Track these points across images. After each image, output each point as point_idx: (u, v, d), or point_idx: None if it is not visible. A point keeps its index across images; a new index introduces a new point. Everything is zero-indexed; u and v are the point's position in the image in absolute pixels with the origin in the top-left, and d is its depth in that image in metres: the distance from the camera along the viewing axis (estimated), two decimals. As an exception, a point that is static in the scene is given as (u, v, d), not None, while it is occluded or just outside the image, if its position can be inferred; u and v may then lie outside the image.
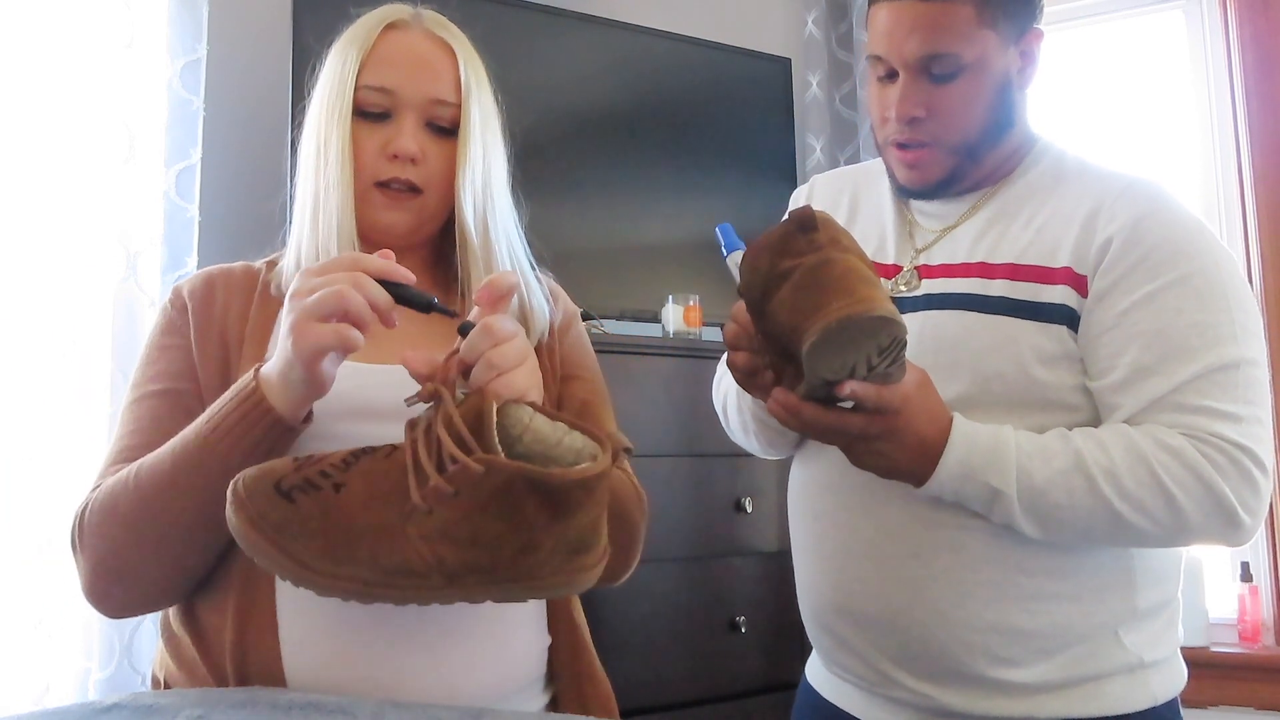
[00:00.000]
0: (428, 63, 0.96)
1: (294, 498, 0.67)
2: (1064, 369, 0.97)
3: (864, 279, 0.80)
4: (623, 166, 2.27)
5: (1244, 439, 0.91)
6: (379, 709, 0.73)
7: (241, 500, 0.68)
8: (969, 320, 1.00)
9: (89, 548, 0.84)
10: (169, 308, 0.98)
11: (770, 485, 1.96)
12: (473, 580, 0.67)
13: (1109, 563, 0.97)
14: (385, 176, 0.95)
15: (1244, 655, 2.16)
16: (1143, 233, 0.96)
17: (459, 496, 0.66)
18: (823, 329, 0.78)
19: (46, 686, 1.62)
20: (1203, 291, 0.94)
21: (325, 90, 0.97)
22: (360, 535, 0.66)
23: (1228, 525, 0.91)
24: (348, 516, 0.66)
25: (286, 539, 0.66)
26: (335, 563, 0.66)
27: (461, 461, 0.65)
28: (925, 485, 0.92)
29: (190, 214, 1.84)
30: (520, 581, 0.68)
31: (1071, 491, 0.90)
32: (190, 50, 1.86)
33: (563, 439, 0.73)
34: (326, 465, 0.69)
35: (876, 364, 0.82)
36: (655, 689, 1.80)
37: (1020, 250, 1.01)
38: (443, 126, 0.97)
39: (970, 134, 1.02)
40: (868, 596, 1.00)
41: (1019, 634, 0.95)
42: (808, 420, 0.86)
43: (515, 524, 0.66)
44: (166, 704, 0.72)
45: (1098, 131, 2.48)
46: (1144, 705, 0.98)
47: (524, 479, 0.65)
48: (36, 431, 1.66)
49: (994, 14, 0.98)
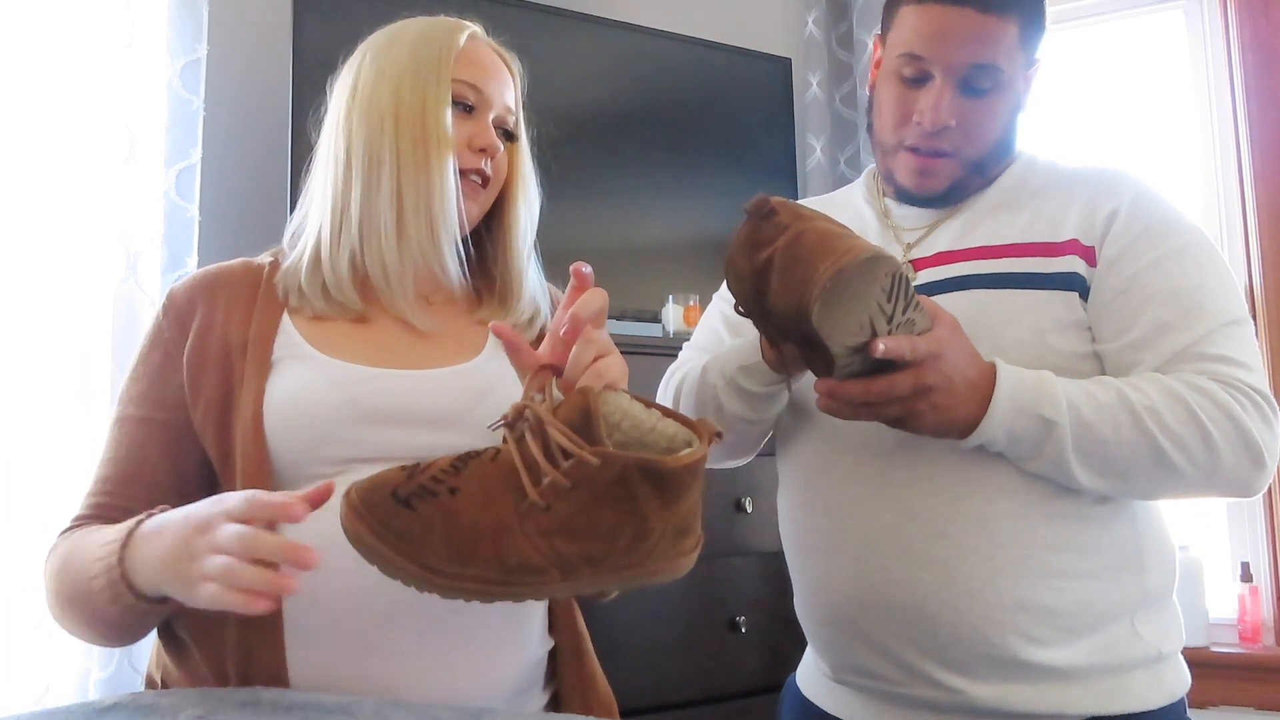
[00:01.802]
0: (502, 71, 1.03)
1: (413, 504, 0.67)
2: (1074, 336, 0.99)
3: (839, 235, 0.82)
4: (623, 166, 2.27)
5: (1260, 385, 0.95)
6: (379, 709, 0.73)
7: (360, 511, 0.67)
8: (980, 297, 1.01)
9: (44, 588, 0.89)
10: (161, 317, 0.97)
11: (770, 485, 1.95)
12: (587, 571, 0.69)
13: (1121, 543, 0.99)
14: (472, 166, 0.99)
15: (1244, 655, 2.16)
16: (1141, 207, 1.01)
17: (576, 490, 0.67)
18: (821, 293, 0.79)
19: (46, 686, 1.61)
20: (1199, 259, 0.99)
21: (405, 78, 0.97)
22: (482, 536, 0.67)
23: (1254, 466, 0.93)
24: (468, 519, 0.67)
25: (412, 545, 0.66)
26: (460, 564, 0.67)
27: (577, 455, 0.66)
28: (979, 429, 0.92)
29: (190, 214, 1.84)
30: (631, 569, 0.70)
31: (1118, 426, 0.91)
32: (190, 50, 1.86)
33: (656, 425, 0.75)
34: (436, 471, 0.70)
35: (891, 312, 0.83)
36: (655, 689, 1.80)
37: (1020, 231, 1.04)
38: (507, 131, 1.03)
39: (985, 150, 1.06)
40: (893, 584, 0.98)
41: (1045, 612, 0.95)
42: (858, 396, 0.87)
43: (629, 512, 0.68)
44: (167, 704, 0.72)
45: (1097, 131, 2.49)
46: (1164, 702, 0.99)
47: (638, 468, 0.67)
48: (36, 432, 1.66)
49: (1029, 37, 1.02)
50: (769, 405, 1.06)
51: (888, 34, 1.07)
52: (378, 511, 0.67)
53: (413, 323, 0.97)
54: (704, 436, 0.71)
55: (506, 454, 0.70)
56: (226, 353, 0.92)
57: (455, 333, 1.00)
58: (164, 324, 0.96)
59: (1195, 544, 2.19)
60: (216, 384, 0.91)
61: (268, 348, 0.92)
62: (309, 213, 1.00)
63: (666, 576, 0.73)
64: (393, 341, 0.97)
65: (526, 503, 0.67)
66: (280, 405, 0.89)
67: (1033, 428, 0.92)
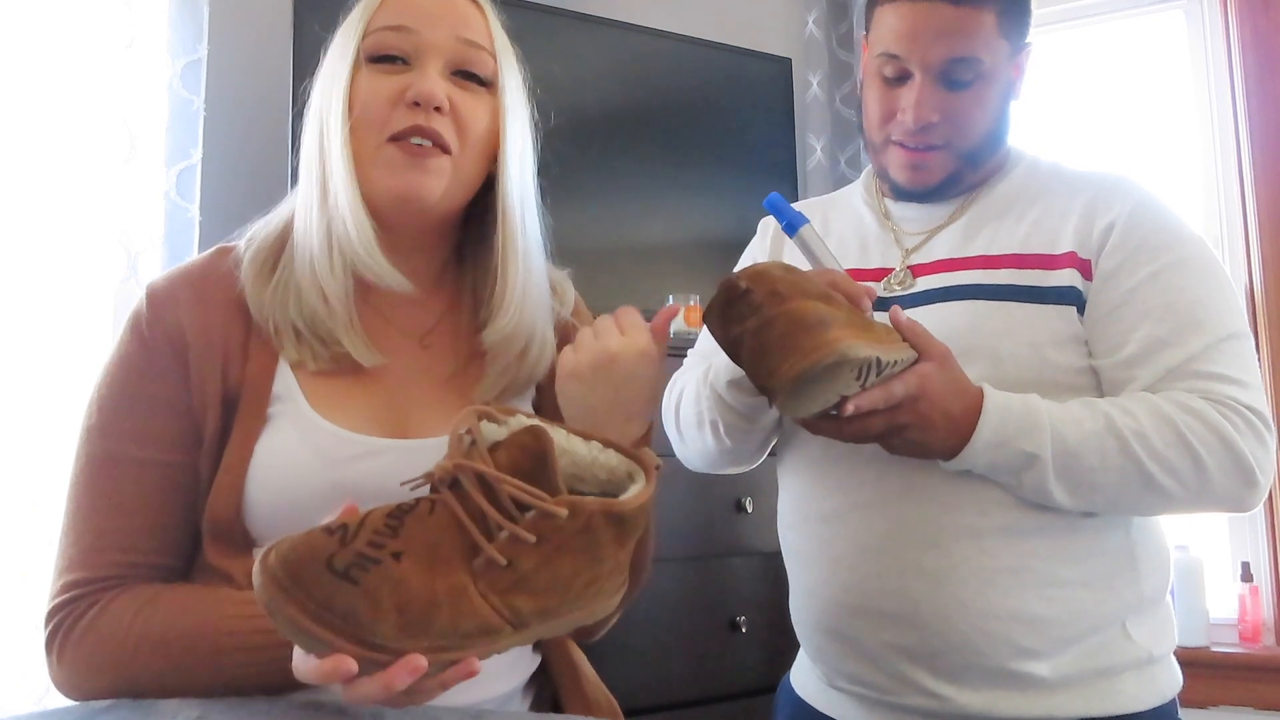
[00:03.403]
0: (453, 5, 0.83)
1: (354, 576, 0.58)
2: (1071, 350, 0.99)
3: (810, 327, 0.79)
4: (623, 166, 2.27)
5: (1255, 403, 0.94)
6: (378, 709, 0.73)
7: (286, 587, 0.57)
8: (978, 308, 1.00)
9: (69, 671, 0.75)
10: (146, 334, 0.81)
11: (770, 485, 1.95)
12: (538, 623, 0.64)
13: (1113, 549, 0.98)
14: (403, 126, 0.79)
15: (1244, 655, 2.15)
16: (1139, 219, 1.00)
17: (541, 544, 0.62)
18: (784, 392, 0.79)
19: (47, 687, 1.61)
20: (1198, 272, 0.98)
21: (333, 50, 0.83)
22: (436, 604, 0.59)
23: (1246, 485, 0.93)
24: (419, 587, 0.59)
25: (357, 626, 0.57)
26: (410, 637, 0.59)
27: (540, 508, 0.61)
28: (957, 458, 0.92)
29: (190, 214, 1.84)
30: (578, 613, 0.66)
31: (1104, 453, 0.91)
32: (191, 50, 1.86)
33: (597, 457, 0.71)
34: (370, 534, 0.60)
35: (865, 383, 0.83)
36: (655, 689, 1.80)
37: (1020, 241, 1.03)
38: (475, 74, 0.83)
39: (977, 140, 1.05)
40: (885, 593, 0.98)
41: (1037, 622, 0.95)
42: (831, 434, 0.88)
43: (590, 559, 0.64)
44: (166, 705, 0.72)
45: (1098, 131, 2.48)
46: (1155, 703, 0.99)
47: (604, 514, 0.63)
48: (36, 432, 1.66)
49: (1009, 24, 1.01)
50: (762, 413, 1.06)
51: (869, 34, 1.07)
52: (313, 589, 0.57)
53: (360, 362, 0.82)
54: (648, 470, 0.68)
55: (444, 506, 0.62)
56: (223, 395, 0.81)
57: (459, 370, 0.89)
58: (153, 345, 0.82)
59: (1195, 544, 2.18)
60: (214, 429, 0.81)
61: (264, 395, 0.81)
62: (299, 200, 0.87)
63: (603, 615, 0.68)
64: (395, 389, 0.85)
65: (481, 560, 0.61)
66: (264, 477, 0.79)
67: (1014, 460, 0.92)
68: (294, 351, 0.82)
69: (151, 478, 0.79)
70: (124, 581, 0.78)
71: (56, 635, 0.76)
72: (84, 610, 0.76)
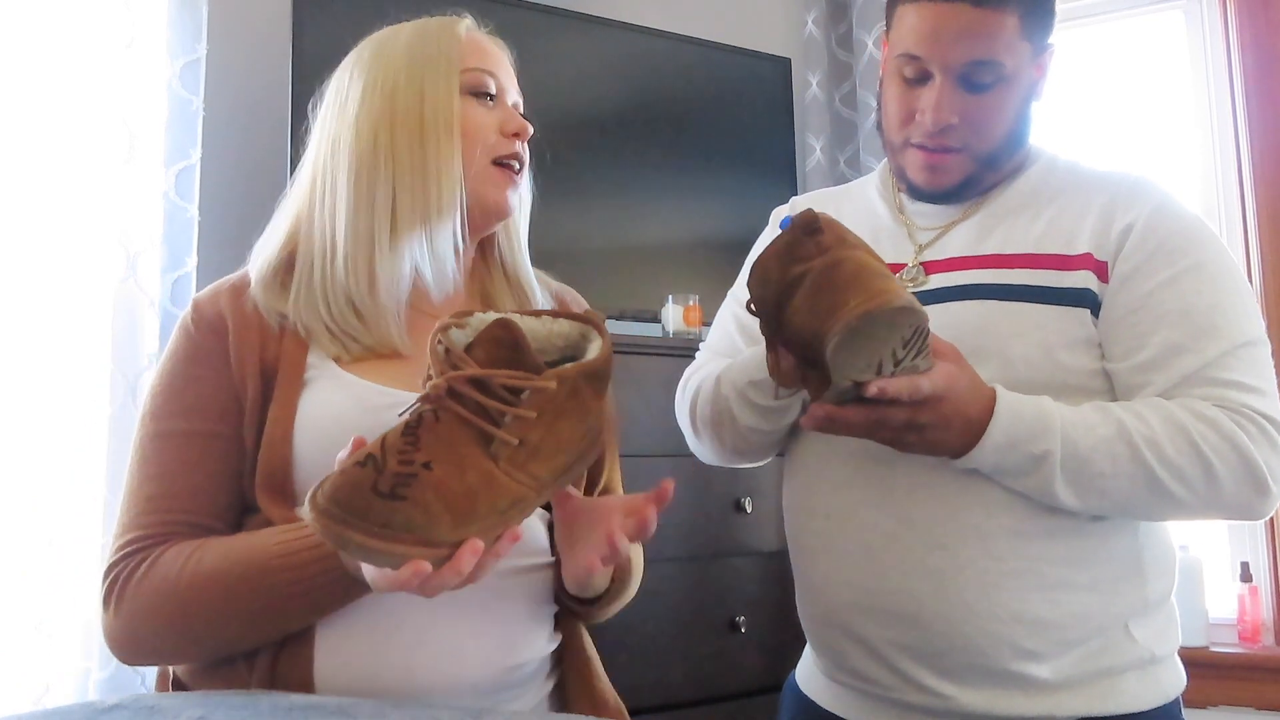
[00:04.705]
0: (506, 58, 1.02)
1: (401, 494, 0.66)
2: (1083, 353, 0.98)
3: (877, 273, 0.81)
4: (623, 166, 2.27)
5: (1271, 410, 0.93)
6: (378, 709, 0.73)
7: (344, 518, 0.65)
8: (991, 308, 1.00)
9: (125, 620, 0.84)
10: (192, 330, 0.93)
11: (770, 485, 1.96)
12: (556, 480, 0.75)
13: (1121, 553, 0.98)
14: (507, 152, 0.97)
15: (1244, 655, 2.16)
16: (1158, 222, 0.99)
17: (541, 417, 0.71)
18: (844, 328, 0.78)
19: (46, 687, 1.61)
20: (1216, 277, 0.97)
21: (400, 79, 0.94)
22: (474, 493, 0.69)
23: (1258, 493, 0.92)
24: (456, 484, 0.68)
25: (420, 532, 0.66)
26: (463, 526, 0.68)
27: (532, 386, 0.71)
28: (966, 458, 0.92)
29: (190, 214, 1.84)
30: (583, 461, 0.78)
31: (1115, 459, 0.91)
32: (190, 50, 1.85)
33: (551, 329, 0.80)
34: (396, 455, 0.68)
35: (902, 357, 0.83)
36: (655, 689, 1.80)
37: (1035, 241, 1.02)
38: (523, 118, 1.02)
39: (995, 143, 1.04)
40: (890, 592, 0.98)
41: (1041, 625, 0.95)
42: (852, 424, 0.87)
43: (581, 414, 0.75)
44: (168, 705, 0.72)
45: (1098, 131, 2.49)
46: (1157, 702, 0.99)
47: (583, 375, 0.74)
48: (36, 432, 1.66)
49: (1032, 26, 1.00)
50: (781, 416, 1.06)
51: (890, 33, 1.06)
52: (370, 514, 0.65)
53: (400, 351, 0.92)
54: (598, 326, 0.80)
55: (448, 412, 0.70)
56: (261, 368, 0.90)
57: None
58: (198, 337, 0.92)
59: (1195, 544, 2.19)
60: (254, 398, 0.89)
61: (300, 365, 0.91)
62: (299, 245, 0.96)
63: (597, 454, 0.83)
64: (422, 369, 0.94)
65: (495, 444, 0.70)
66: (310, 426, 0.87)
67: (1021, 463, 0.92)
68: (329, 347, 0.91)
69: (197, 446, 0.88)
70: (173, 538, 0.86)
71: (114, 589, 0.84)
72: (138, 564, 0.84)
